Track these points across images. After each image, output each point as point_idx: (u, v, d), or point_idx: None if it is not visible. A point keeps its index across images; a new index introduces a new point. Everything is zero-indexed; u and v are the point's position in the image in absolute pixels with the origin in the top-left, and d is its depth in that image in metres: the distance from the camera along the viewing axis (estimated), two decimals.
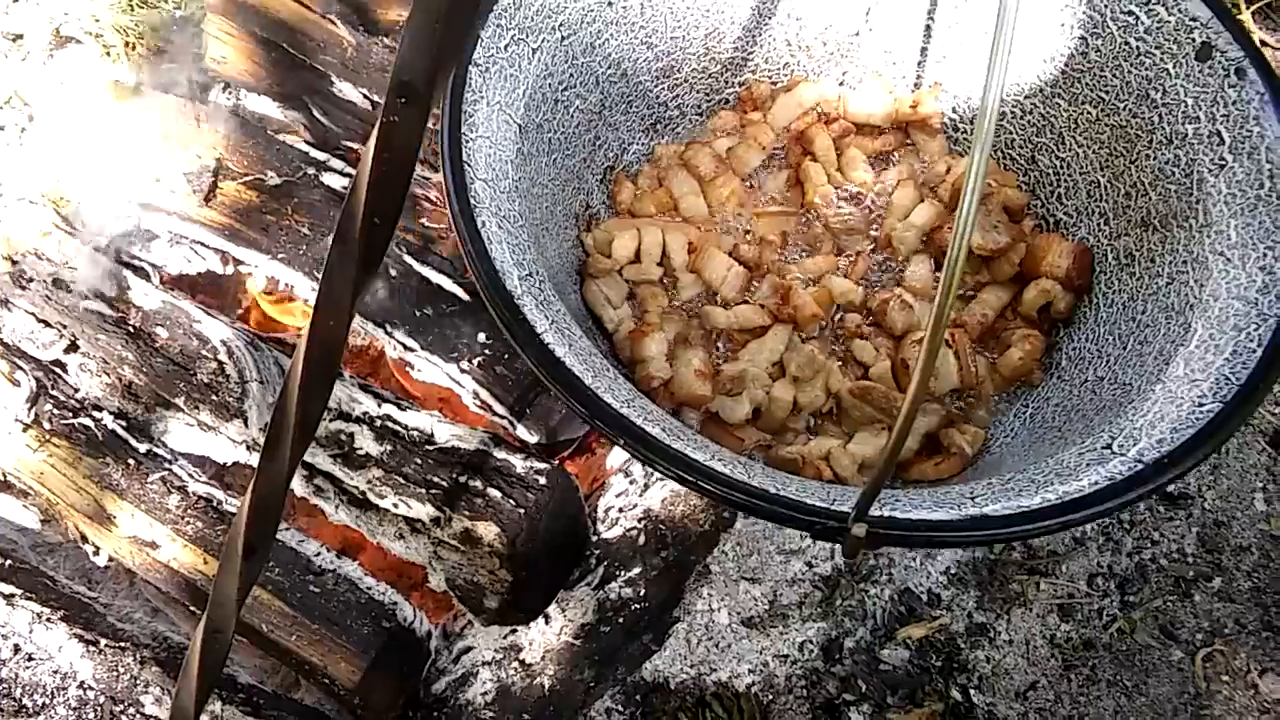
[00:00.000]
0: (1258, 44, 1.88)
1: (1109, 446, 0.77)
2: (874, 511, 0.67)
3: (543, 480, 1.11)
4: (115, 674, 1.13)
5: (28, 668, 1.15)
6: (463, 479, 1.10)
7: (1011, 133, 1.06)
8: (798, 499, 0.70)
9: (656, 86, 1.07)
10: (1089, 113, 0.98)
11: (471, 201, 0.79)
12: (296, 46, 1.38)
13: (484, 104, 0.85)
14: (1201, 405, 0.75)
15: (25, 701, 1.14)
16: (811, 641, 1.28)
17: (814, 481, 0.82)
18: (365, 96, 1.36)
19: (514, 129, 0.89)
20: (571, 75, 0.98)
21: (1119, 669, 1.30)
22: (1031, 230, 1.04)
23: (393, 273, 1.23)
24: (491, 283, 0.76)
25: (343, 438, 1.14)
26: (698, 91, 1.11)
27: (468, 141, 0.82)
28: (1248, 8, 1.92)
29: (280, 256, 1.27)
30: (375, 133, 0.46)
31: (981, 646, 1.30)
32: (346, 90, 1.37)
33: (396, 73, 0.45)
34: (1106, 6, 0.95)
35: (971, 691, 1.27)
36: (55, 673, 1.15)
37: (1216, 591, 1.35)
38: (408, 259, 1.24)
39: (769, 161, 1.10)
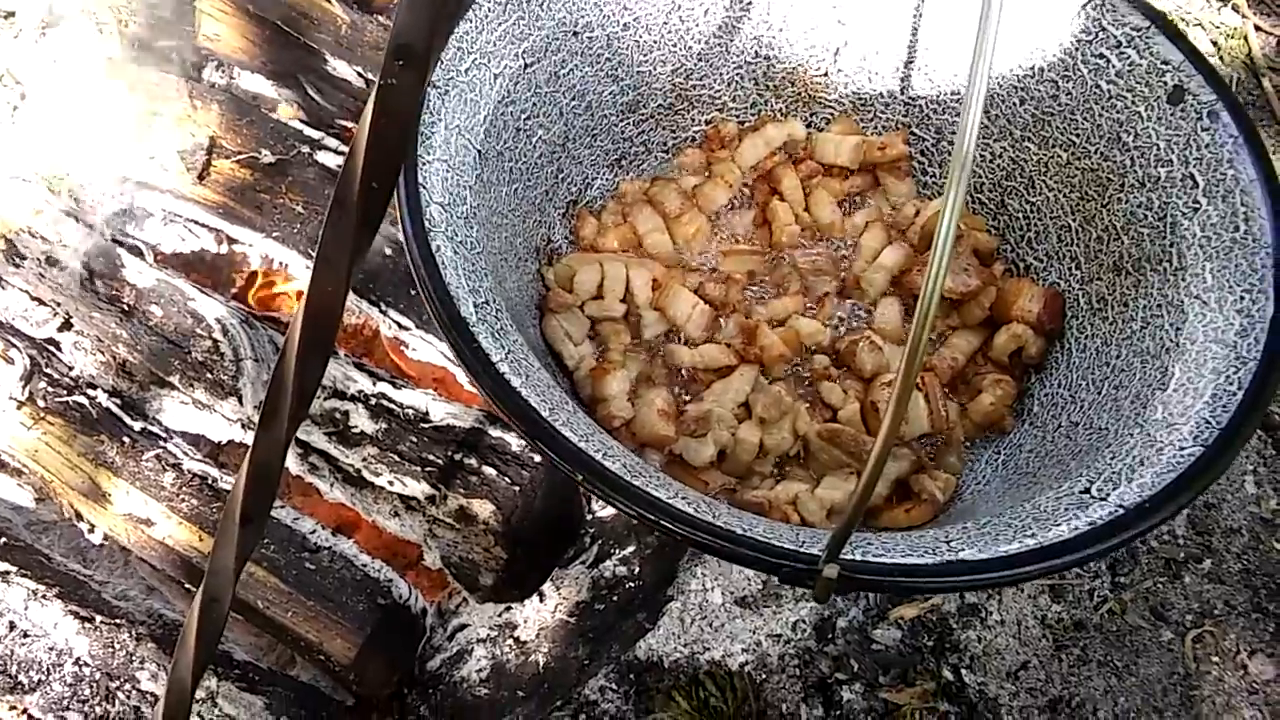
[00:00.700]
0: (1250, 30, 1.88)
1: (1087, 491, 0.75)
2: (846, 555, 0.65)
3: (537, 459, 1.11)
4: (111, 650, 1.13)
5: (23, 644, 1.15)
6: (457, 457, 1.10)
7: (981, 176, 1.04)
8: (765, 540, 0.68)
9: (622, 121, 1.05)
10: (1060, 156, 0.97)
11: (426, 225, 0.76)
12: (290, 24, 1.37)
13: (441, 126, 0.82)
14: (1183, 449, 0.74)
15: (21, 678, 1.14)
16: (804, 621, 1.29)
17: (782, 524, 0.79)
18: (359, 74, 1.36)
19: (473, 154, 0.86)
20: (534, 104, 0.95)
21: (1109, 649, 1.31)
22: (1002, 274, 1.02)
23: (387, 251, 1.23)
24: (445, 307, 0.73)
25: (338, 416, 1.14)
26: (664, 128, 1.09)
27: (423, 164, 0.79)
28: None
29: (275, 235, 1.26)
30: (373, 95, 0.46)
31: (973, 627, 1.31)
32: (341, 68, 1.36)
33: (394, 36, 0.45)
34: (1077, 49, 0.93)
35: (963, 671, 1.28)
36: (51, 649, 1.15)
37: (1206, 573, 1.36)
38: (401, 238, 1.23)
39: (736, 200, 1.07)
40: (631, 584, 1.24)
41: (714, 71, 1.07)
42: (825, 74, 1.08)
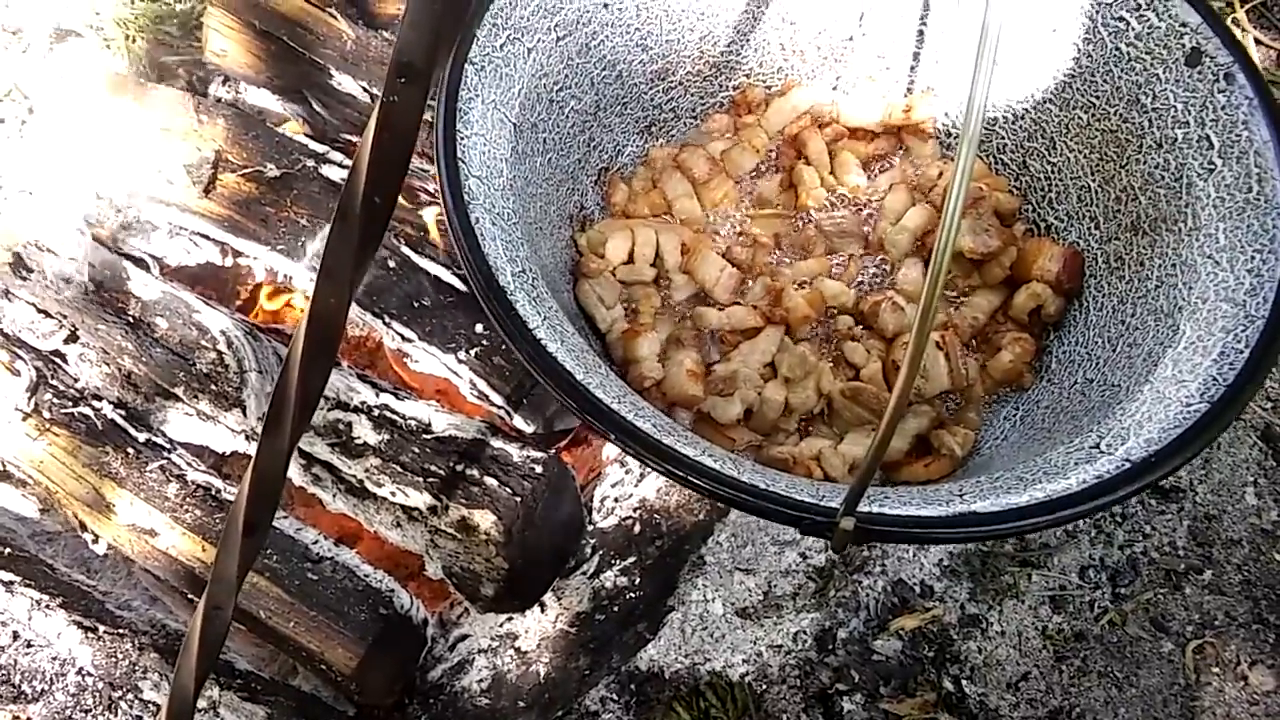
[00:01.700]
0: (1250, 44, 1.90)
1: (1097, 446, 0.77)
2: (862, 507, 0.68)
3: (539, 470, 1.12)
4: (114, 660, 1.14)
5: (26, 654, 1.16)
6: (460, 468, 1.11)
7: (1003, 138, 1.07)
8: (786, 494, 0.71)
9: (651, 89, 1.08)
10: (1080, 118, 0.99)
11: (466, 198, 0.79)
12: (296, 40, 1.39)
13: (479, 102, 0.86)
14: (1189, 406, 0.76)
15: (24, 687, 1.14)
16: (805, 632, 1.29)
17: (802, 479, 0.83)
18: (364, 89, 1.37)
19: (509, 128, 0.89)
20: (567, 76, 0.98)
21: (1110, 660, 1.31)
22: (1022, 234, 1.05)
23: (391, 264, 1.24)
24: (484, 278, 0.76)
25: (340, 427, 1.15)
26: (692, 94, 1.11)
27: (462, 138, 0.82)
28: (1242, 6, 1.93)
29: (279, 248, 1.28)
30: (376, 112, 0.47)
31: (974, 637, 1.31)
32: (346, 83, 1.38)
33: (397, 53, 0.46)
34: (1097, 12, 0.95)
35: (963, 682, 1.28)
36: (54, 659, 1.16)
37: (1207, 584, 1.36)
38: (405, 250, 1.25)
39: (762, 165, 1.10)
40: (632, 594, 1.24)
41: (741, 37, 1.09)
42: (850, 38, 1.10)
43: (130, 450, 1.17)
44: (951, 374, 0.96)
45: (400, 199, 1.06)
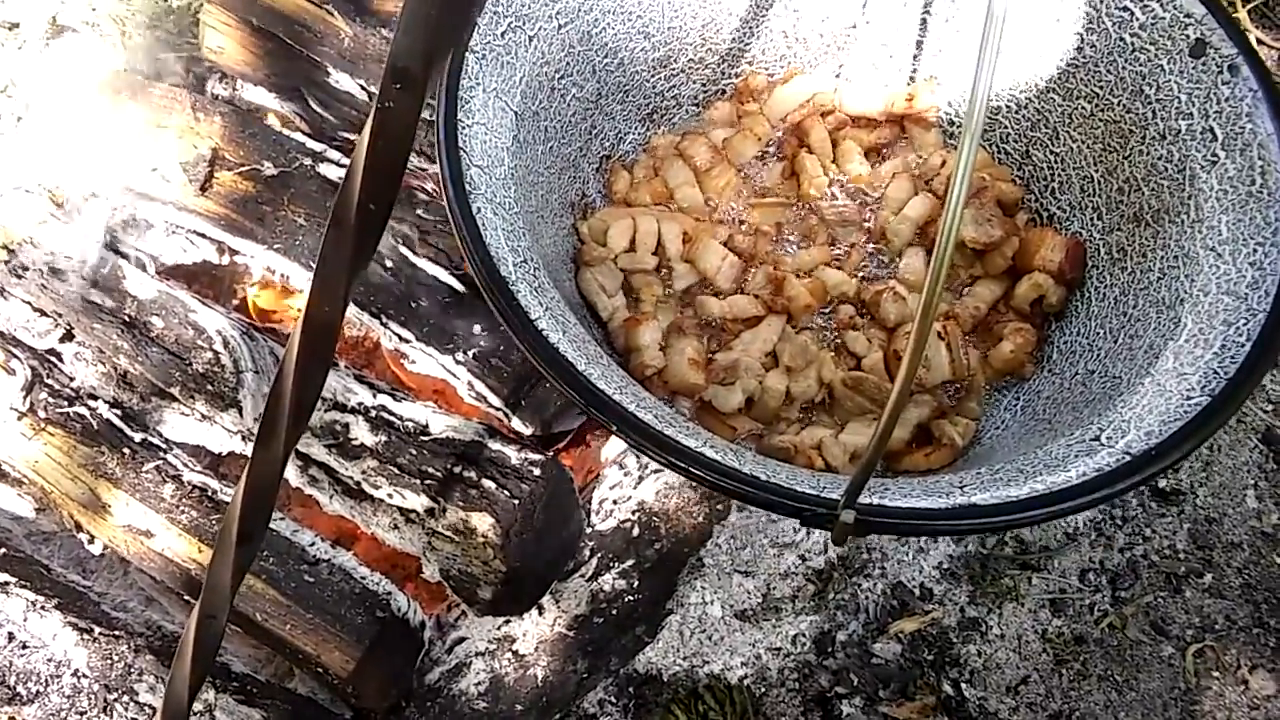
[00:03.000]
0: (1253, 42, 1.89)
1: (1097, 438, 0.77)
2: (863, 499, 0.68)
3: (537, 471, 1.11)
4: (109, 662, 1.13)
5: (22, 655, 1.15)
6: (457, 470, 1.10)
7: (1006, 127, 1.07)
8: (787, 486, 0.71)
9: (653, 76, 1.08)
10: (1083, 108, 0.99)
11: (467, 188, 0.79)
12: (294, 37, 1.38)
13: (480, 91, 0.85)
14: (1189, 399, 0.76)
15: (19, 689, 1.14)
16: (804, 634, 1.29)
17: (804, 469, 0.83)
18: (362, 88, 1.36)
19: (510, 116, 0.89)
20: (568, 64, 0.98)
21: (1110, 664, 1.30)
22: (1025, 224, 1.05)
23: (388, 264, 1.23)
24: (487, 268, 0.76)
25: (338, 428, 1.14)
26: (694, 82, 1.11)
27: (464, 128, 0.82)
28: (1244, 6, 1.93)
29: (276, 247, 1.27)
30: (371, 118, 0.46)
31: (973, 641, 1.30)
32: (343, 81, 1.37)
33: (392, 58, 0.46)
34: (1101, 2, 0.95)
35: (963, 685, 1.28)
36: (49, 660, 1.15)
37: (1207, 588, 1.36)
38: (403, 250, 1.24)
39: (765, 153, 1.10)
40: (630, 597, 1.23)
41: (743, 25, 1.09)
42: (853, 26, 1.10)
43: (126, 450, 1.16)
44: (953, 364, 0.97)
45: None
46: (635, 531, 1.25)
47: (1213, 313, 0.81)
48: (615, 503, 1.27)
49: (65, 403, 1.18)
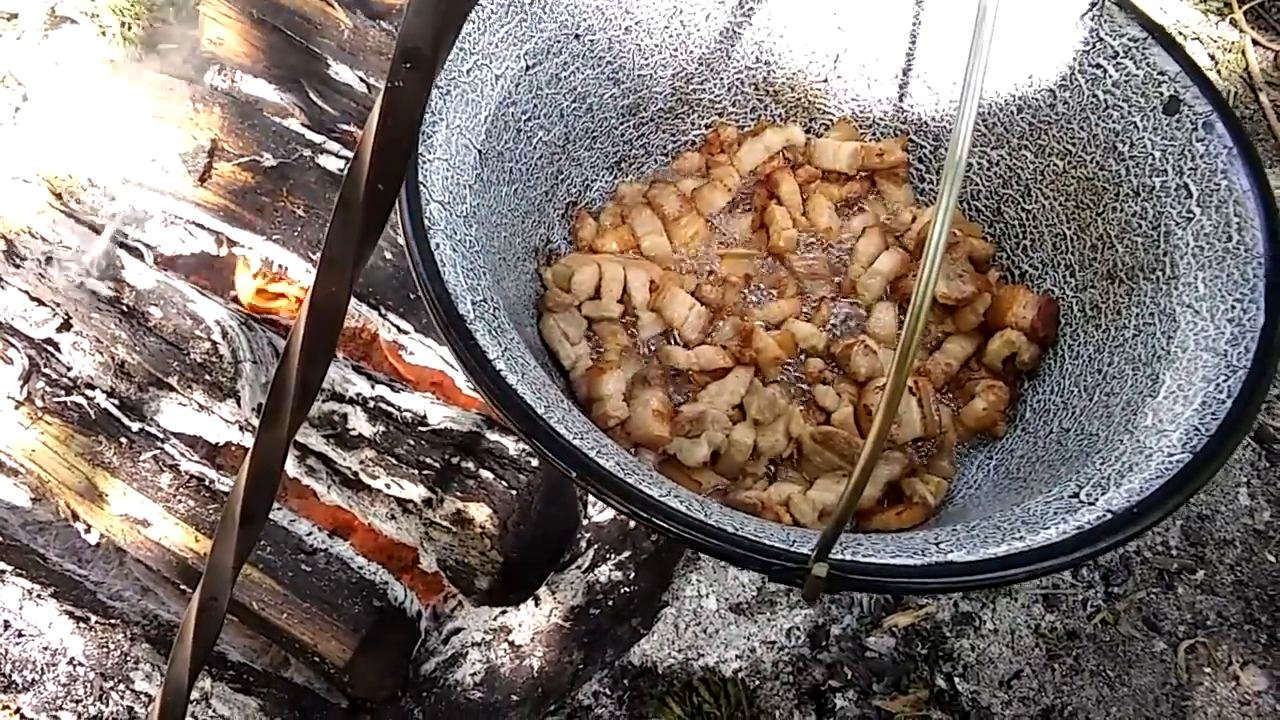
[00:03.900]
0: (1248, 45, 1.90)
1: (1076, 495, 0.76)
2: (835, 555, 0.66)
3: (534, 462, 1.11)
4: (105, 650, 1.13)
5: (18, 643, 1.15)
6: (455, 460, 1.11)
7: (977, 183, 1.06)
8: (756, 539, 0.68)
9: (622, 124, 1.06)
10: (1056, 165, 0.98)
11: (426, 223, 0.77)
12: (294, 29, 1.38)
13: (443, 126, 0.84)
14: (1171, 456, 0.75)
15: (15, 677, 1.14)
16: (799, 628, 1.29)
17: (773, 523, 0.80)
18: (362, 79, 1.36)
19: (474, 154, 0.87)
20: (535, 105, 0.96)
21: (1102, 659, 1.31)
22: (996, 281, 1.03)
23: (387, 255, 1.23)
24: (443, 305, 0.74)
25: (336, 418, 1.14)
26: (664, 132, 1.09)
27: (424, 163, 0.80)
28: (1240, 7, 1.94)
29: (275, 238, 1.27)
30: (380, 98, 0.47)
31: (967, 635, 1.31)
32: (343, 73, 1.37)
33: (402, 38, 0.46)
34: (1074, 59, 0.94)
35: (956, 679, 1.28)
36: (45, 649, 1.15)
37: (1199, 584, 1.37)
38: (402, 241, 1.24)
39: (734, 204, 1.08)
40: (626, 589, 1.24)
41: (714, 76, 1.08)
42: (825, 80, 1.09)
43: (123, 440, 1.16)
44: (924, 420, 0.95)
45: None
46: (631, 523, 1.25)
47: (1192, 369, 0.80)
48: None
49: (62, 392, 1.18)
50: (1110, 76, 0.92)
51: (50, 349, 1.20)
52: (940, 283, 0.98)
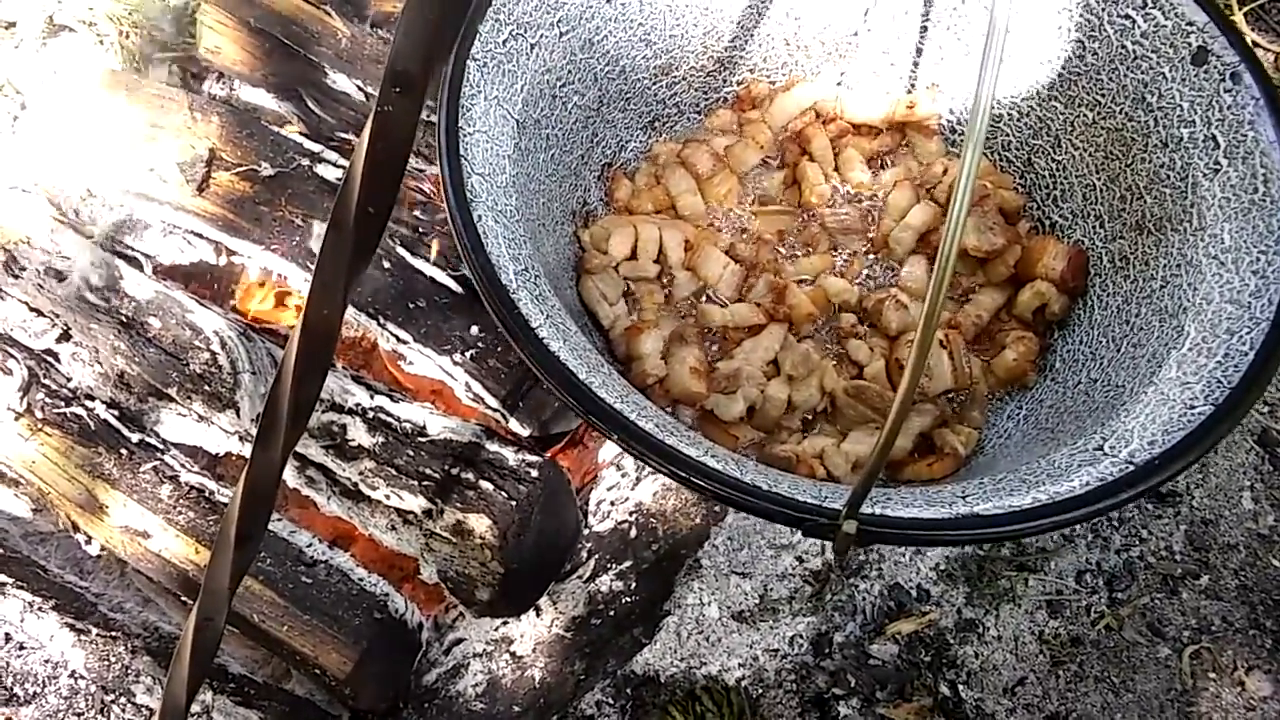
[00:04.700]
0: (1250, 45, 1.89)
1: (1100, 448, 0.77)
2: (865, 509, 0.67)
3: (535, 473, 1.11)
4: (106, 663, 1.13)
5: (19, 656, 1.15)
6: (455, 471, 1.10)
7: (1008, 135, 1.07)
8: (789, 495, 0.70)
9: (655, 84, 1.08)
10: (1085, 116, 0.99)
11: (468, 196, 0.79)
12: (291, 37, 1.37)
13: (481, 98, 0.85)
14: (1193, 408, 0.76)
15: (16, 690, 1.13)
16: (801, 636, 1.29)
17: (806, 479, 0.82)
18: (360, 88, 1.36)
19: (512, 124, 0.89)
20: (570, 71, 0.97)
21: (1106, 665, 1.31)
22: (1027, 233, 1.04)
23: (385, 265, 1.23)
24: (487, 277, 0.76)
25: (335, 429, 1.14)
26: (695, 90, 1.11)
27: (465, 136, 0.82)
28: (1240, 9, 1.93)
29: (274, 247, 1.27)
30: (370, 121, 0.46)
31: (970, 642, 1.31)
32: (341, 81, 1.37)
33: (391, 62, 0.46)
34: (1103, 10, 0.95)
35: (960, 687, 1.28)
36: (46, 661, 1.15)
37: (1204, 589, 1.36)
38: (401, 251, 1.24)
39: (766, 161, 1.10)
40: (628, 599, 1.23)
41: (745, 33, 1.09)
42: (855, 33, 1.09)
43: (123, 451, 1.16)
44: (955, 372, 0.96)
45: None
46: (633, 533, 1.25)
47: (1216, 321, 0.81)
48: (613, 504, 1.27)
49: (62, 403, 1.18)
50: (1139, 27, 0.93)
51: (50, 360, 1.20)
52: (971, 235, 0.99)
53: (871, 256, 1.05)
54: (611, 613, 1.23)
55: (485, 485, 1.09)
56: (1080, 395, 0.92)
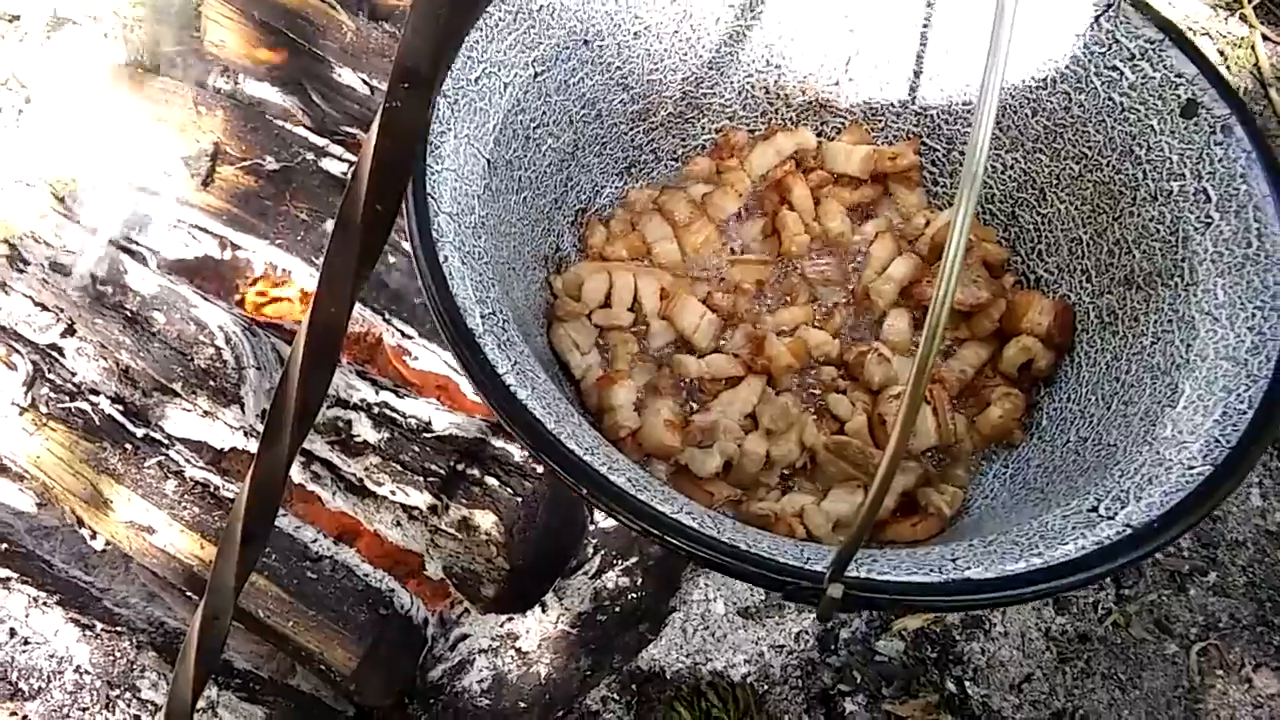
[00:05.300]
0: (1258, 40, 1.88)
1: (1095, 509, 0.75)
2: (851, 572, 0.64)
3: (540, 470, 1.11)
4: (111, 658, 1.13)
5: (24, 651, 1.15)
6: (460, 467, 1.10)
7: (992, 188, 1.04)
8: (770, 557, 0.67)
9: (631, 130, 1.05)
10: (1072, 168, 0.96)
11: (434, 235, 0.75)
12: (296, 31, 1.37)
13: (451, 136, 0.82)
14: (1191, 468, 0.73)
15: (21, 685, 1.14)
16: (807, 632, 1.28)
17: (786, 539, 0.78)
18: (365, 82, 1.35)
19: (482, 163, 0.86)
20: (544, 113, 0.95)
21: (1113, 662, 1.30)
22: (1012, 286, 1.01)
23: (391, 259, 1.23)
24: (451, 319, 0.72)
25: (340, 424, 1.14)
26: (673, 136, 1.08)
27: (433, 174, 0.79)
28: (1249, 2, 1.92)
29: (279, 242, 1.26)
30: (378, 118, 0.46)
31: (976, 639, 1.30)
32: (346, 75, 1.36)
33: (400, 58, 0.45)
34: (1090, 61, 0.93)
35: (966, 683, 1.28)
36: (51, 657, 1.15)
37: (1211, 586, 1.36)
38: (406, 245, 1.23)
39: (745, 209, 1.06)
40: (634, 595, 1.23)
41: (724, 80, 1.07)
42: (836, 83, 1.07)
43: (128, 446, 1.16)
44: (939, 429, 0.93)
45: None
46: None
47: (1211, 379, 0.78)
48: None
49: (67, 398, 1.17)
50: (1127, 79, 0.91)
51: (54, 355, 1.20)
52: (954, 293, 0.96)
53: (852, 309, 1.01)
54: (617, 609, 1.23)
55: (491, 481, 1.09)
56: (1070, 454, 0.88)
